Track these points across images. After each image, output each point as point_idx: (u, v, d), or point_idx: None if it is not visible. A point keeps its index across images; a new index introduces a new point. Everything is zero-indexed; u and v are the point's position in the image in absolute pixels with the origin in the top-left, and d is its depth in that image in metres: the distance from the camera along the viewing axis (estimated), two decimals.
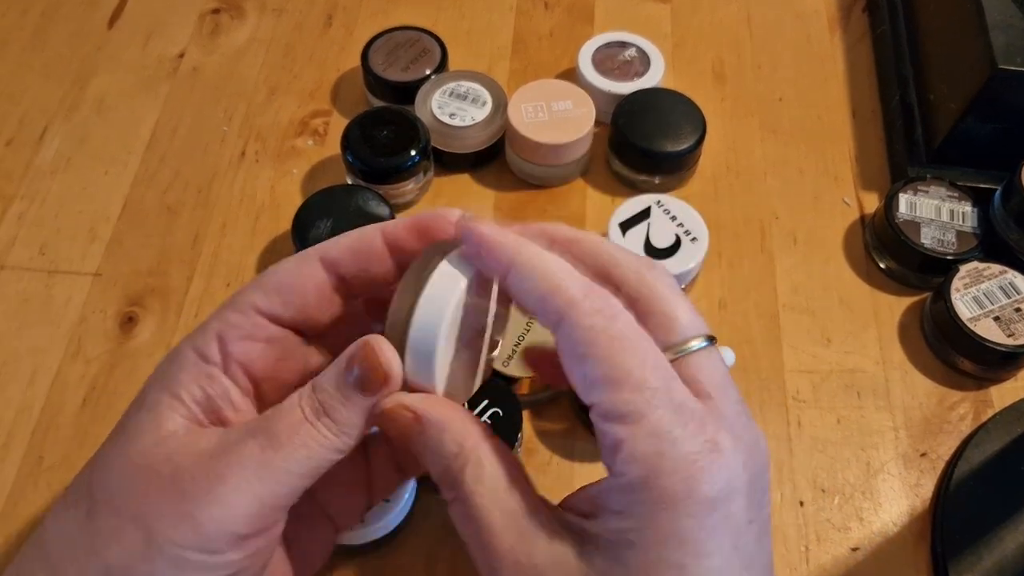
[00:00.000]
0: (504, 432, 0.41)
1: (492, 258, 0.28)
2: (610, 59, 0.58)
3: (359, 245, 0.31)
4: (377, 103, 0.58)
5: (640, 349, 0.26)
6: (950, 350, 0.48)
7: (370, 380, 0.28)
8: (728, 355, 0.47)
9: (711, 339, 0.29)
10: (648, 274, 0.29)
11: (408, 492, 0.41)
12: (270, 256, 0.52)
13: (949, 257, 0.50)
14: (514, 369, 0.45)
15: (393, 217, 0.50)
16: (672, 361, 0.27)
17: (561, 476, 0.45)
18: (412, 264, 0.30)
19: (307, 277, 0.31)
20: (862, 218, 0.55)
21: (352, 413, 0.28)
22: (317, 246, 0.31)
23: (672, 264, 0.48)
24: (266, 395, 0.31)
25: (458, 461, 0.27)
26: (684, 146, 0.53)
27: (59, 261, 0.52)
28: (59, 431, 0.46)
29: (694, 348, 0.28)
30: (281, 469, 0.27)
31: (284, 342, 0.31)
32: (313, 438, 0.28)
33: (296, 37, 0.63)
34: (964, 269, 0.49)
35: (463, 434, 0.28)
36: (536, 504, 0.27)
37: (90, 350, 0.48)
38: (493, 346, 0.35)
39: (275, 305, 0.30)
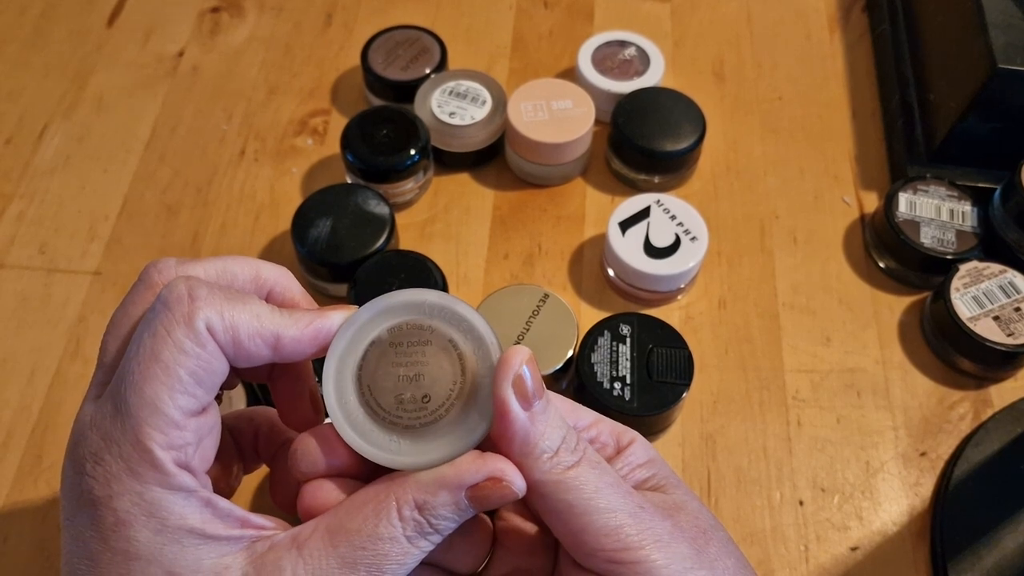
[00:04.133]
0: None
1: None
2: (610, 58, 0.58)
3: (248, 344, 0.27)
4: (376, 102, 0.58)
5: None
6: (950, 349, 0.48)
7: (497, 501, 0.27)
8: None
9: None
10: None
11: None
12: (269, 256, 0.52)
13: (949, 256, 0.50)
14: None
15: (393, 216, 0.50)
16: None
17: None
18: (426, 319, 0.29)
19: (218, 356, 0.27)
20: (862, 217, 0.55)
21: (459, 521, 0.27)
22: (202, 310, 0.26)
23: (672, 263, 0.48)
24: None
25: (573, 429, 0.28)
26: (684, 145, 0.53)
27: (58, 260, 0.52)
28: (58, 431, 0.46)
29: None
30: None
31: (213, 415, 0.28)
32: (415, 556, 0.26)
33: (295, 36, 0.63)
34: (964, 268, 0.49)
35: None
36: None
37: (89, 349, 0.48)
38: None
39: (202, 399, 0.26)
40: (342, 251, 0.48)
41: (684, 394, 0.44)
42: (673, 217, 0.50)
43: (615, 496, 0.27)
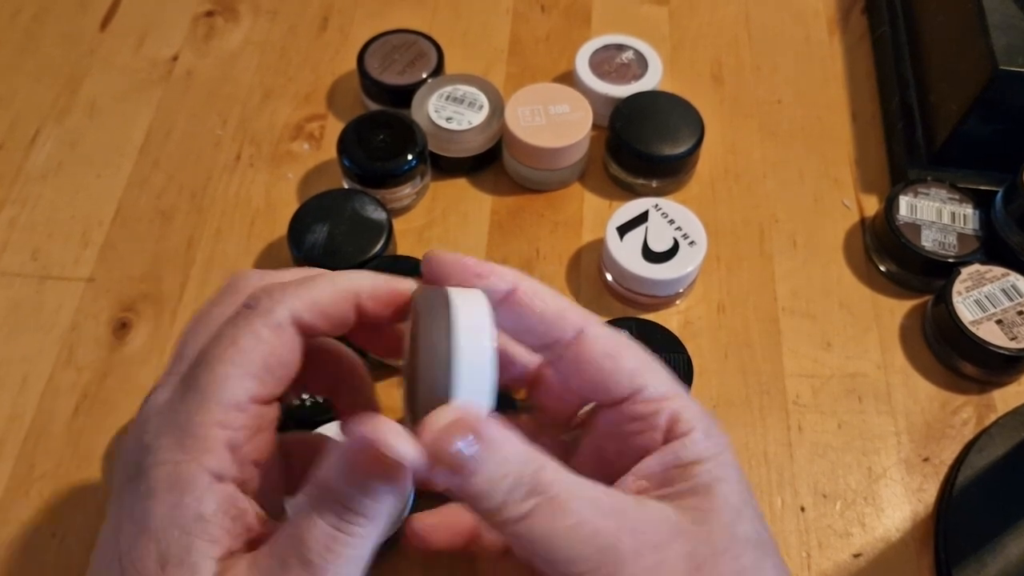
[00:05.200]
0: None
1: (499, 279, 0.29)
2: (607, 62, 0.58)
3: (334, 311, 0.29)
4: (373, 107, 0.58)
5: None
6: (952, 354, 0.48)
7: (392, 474, 0.26)
8: None
9: None
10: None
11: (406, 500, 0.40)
12: (265, 261, 0.52)
13: (950, 260, 0.49)
14: None
15: (391, 221, 0.49)
16: None
17: None
18: (418, 312, 0.28)
19: (290, 349, 0.28)
20: (862, 221, 0.54)
21: (379, 500, 0.26)
22: (283, 304, 0.28)
23: (670, 268, 0.48)
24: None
25: (531, 465, 0.26)
26: (682, 149, 0.53)
27: (51, 266, 0.51)
28: (50, 439, 0.45)
29: None
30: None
31: (276, 411, 0.29)
32: (349, 544, 0.25)
33: (291, 40, 0.63)
34: (965, 272, 0.48)
35: (529, 451, 0.26)
36: (607, 487, 0.27)
37: (82, 357, 0.48)
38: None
39: (269, 388, 0.28)
40: (339, 257, 0.48)
41: None
42: (671, 221, 0.50)
43: (575, 542, 0.25)
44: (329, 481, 0.26)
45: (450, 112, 0.54)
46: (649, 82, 0.57)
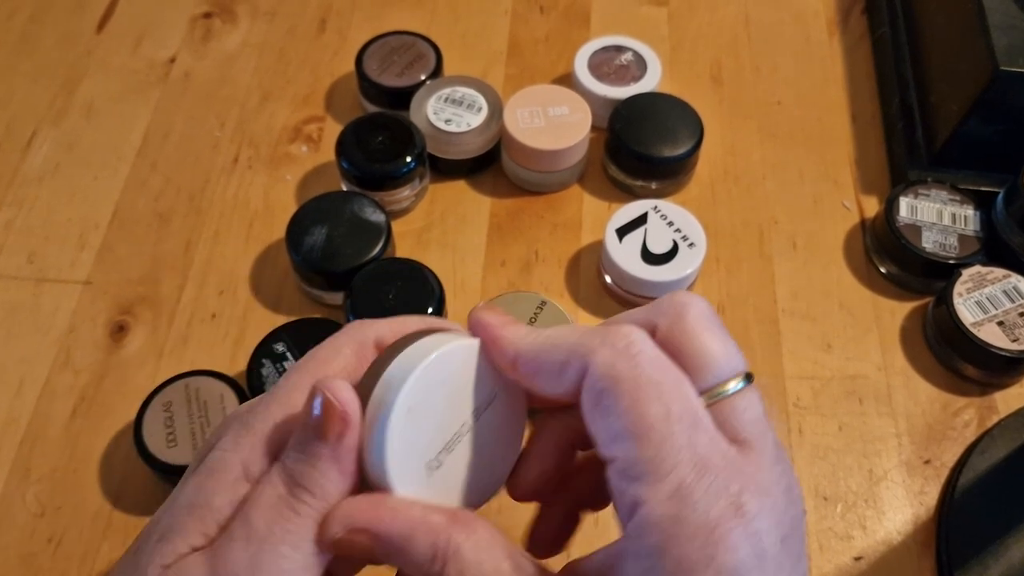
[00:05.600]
0: None
1: (498, 347, 0.27)
2: (606, 63, 0.58)
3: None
4: (372, 109, 0.57)
5: (665, 394, 0.24)
6: (953, 355, 0.48)
7: (327, 423, 0.25)
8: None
9: (748, 377, 0.27)
10: (679, 309, 0.27)
11: None
12: (264, 264, 0.52)
13: (951, 261, 0.49)
14: None
15: (389, 223, 0.49)
16: (708, 405, 0.26)
17: None
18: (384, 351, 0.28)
19: (353, 356, 0.29)
20: (862, 222, 0.54)
21: (324, 474, 0.25)
22: (370, 328, 0.29)
23: (669, 270, 0.48)
24: None
25: (436, 563, 0.25)
26: (681, 151, 0.53)
27: (48, 269, 0.51)
28: (47, 443, 0.45)
29: (730, 391, 0.26)
30: (279, 557, 0.25)
31: None
32: (291, 520, 0.25)
33: (289, 42, 0.62)
34: (967, 273, 0.48)
35: (433, 532, 0.25)
36: (533, 574, 0.25)
37: (79, 360, 0.48)
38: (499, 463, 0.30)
39: None
40: (338, 259, 0.48)
41: None
42: (671, 223, 0.50)
43: None
44: (284, 453, 0.26)
45: (449, 114, 0.54)
46: (648, 83, 0.57)
